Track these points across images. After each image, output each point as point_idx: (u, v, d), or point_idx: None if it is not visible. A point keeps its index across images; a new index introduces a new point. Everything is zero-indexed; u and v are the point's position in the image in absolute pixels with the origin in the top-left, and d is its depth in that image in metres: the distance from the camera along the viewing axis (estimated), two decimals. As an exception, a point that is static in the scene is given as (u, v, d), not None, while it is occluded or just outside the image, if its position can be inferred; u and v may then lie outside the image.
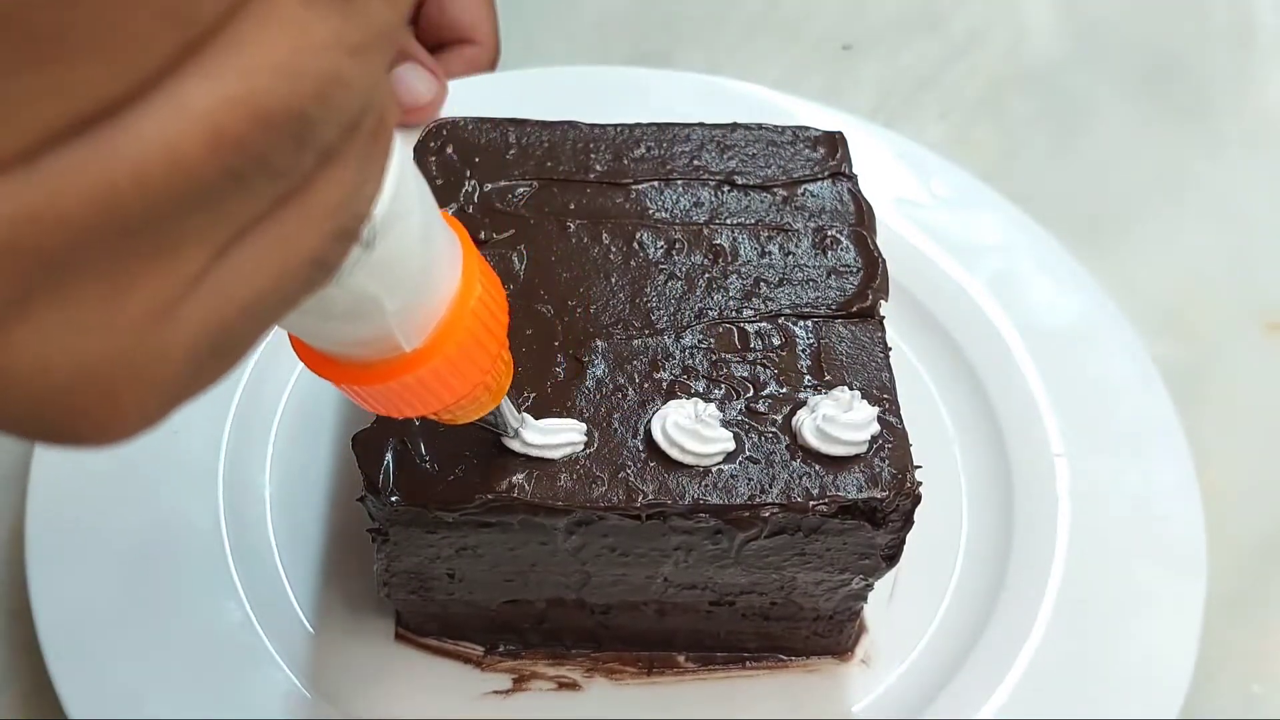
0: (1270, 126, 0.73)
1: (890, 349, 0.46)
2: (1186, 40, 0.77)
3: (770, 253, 0.48)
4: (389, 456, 0.42)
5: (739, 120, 0.53)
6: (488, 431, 0.41)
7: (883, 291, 0.48)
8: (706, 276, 0.48)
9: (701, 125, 0.52)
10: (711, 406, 0.43)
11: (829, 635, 0.50)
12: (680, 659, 0.51)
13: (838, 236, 0.49)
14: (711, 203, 0.50)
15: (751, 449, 0.43)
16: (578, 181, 0.50)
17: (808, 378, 0.45)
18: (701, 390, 0.44)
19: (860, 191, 0.51)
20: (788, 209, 0.50)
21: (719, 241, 0.48)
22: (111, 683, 0.46)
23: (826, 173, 0.51)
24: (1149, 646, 0.50)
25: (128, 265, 0.19)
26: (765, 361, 0.45)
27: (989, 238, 0.62)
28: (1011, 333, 0.58)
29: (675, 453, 0.42)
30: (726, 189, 0.50)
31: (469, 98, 0.59)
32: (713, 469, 0.43)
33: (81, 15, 0.17)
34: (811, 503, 0.42)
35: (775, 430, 0.44)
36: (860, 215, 0.50)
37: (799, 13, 0.77)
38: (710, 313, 0.47)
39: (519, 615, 0.49)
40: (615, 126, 0.52)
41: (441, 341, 0.30)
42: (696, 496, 0.42)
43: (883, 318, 0.47)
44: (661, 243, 0.48)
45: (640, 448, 0.43)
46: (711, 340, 0.46)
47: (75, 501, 0.50)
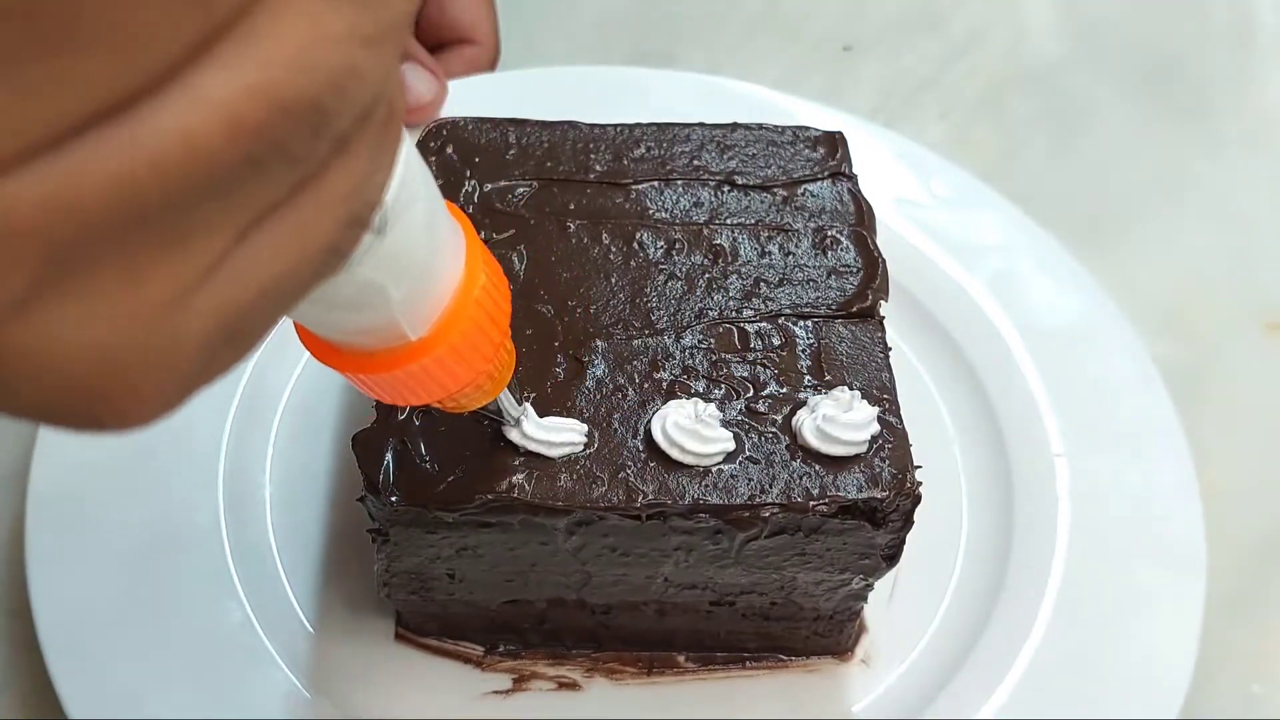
0: (1270, 126, 0.73)
1: (890, 349, 0.46)
2: (1186, 40, 0.77)
3: (770, 253, 0.48)
4: (389, 456, 0.42)
5: (739, 120, 0.53)
6: (490, 420, 0.41)
7: (883, 291, 0.48)
8: (706, 276, 0.48)
9: (701, 125, 0.52)
10: (711, 406, 0.43)
11: (829, 635, 0.50)
12: (680, 659, 0.51)
13: (838, 236, 0.49)
14: (711, 203, 0.50)
15: (751, 449, 0.43)
16: (578, 181, 0.50)
17: (808, 378, 0.45)
18: (701, 390, 0.44)
19: (860, 191, 0.51)
20: (788, 209, 0.50)
21: (719, 241, 0.48)
22: (111, 683, 0.46)
23: (826, 173, 0.51)
24: (1149, 646, 0.50)
25: (147, 252, 0.19)
26: (765, 361, 0.45)
27: (989, 238, 0.62)
28: (1011, 333, 0.58)
29: (675, 453, 0.42)
30: (726, 189, 0.50)
31: (469, 98, 0.59)
32: (713, 469, 0.43)
33: (105, 6, 0.17)
34: (811, 503, 0.42)
35: (775, 430, 0.44)
36: (860, 215, 0.50)
37: (799, 13, 0.77)
38: (710, 313, 0.47)
39: (519, 615, 0.49)
40: (615, 126, 0.52)
41: (446, 330, 0.30)
42: (696, 496, 0.42)
43: (883, 318, 0.47)
44: (661, 243, 0.48)
45: (640, 448, 0.43)
46: (711, 340, 0.46)
47: (75, 501, 0.50)
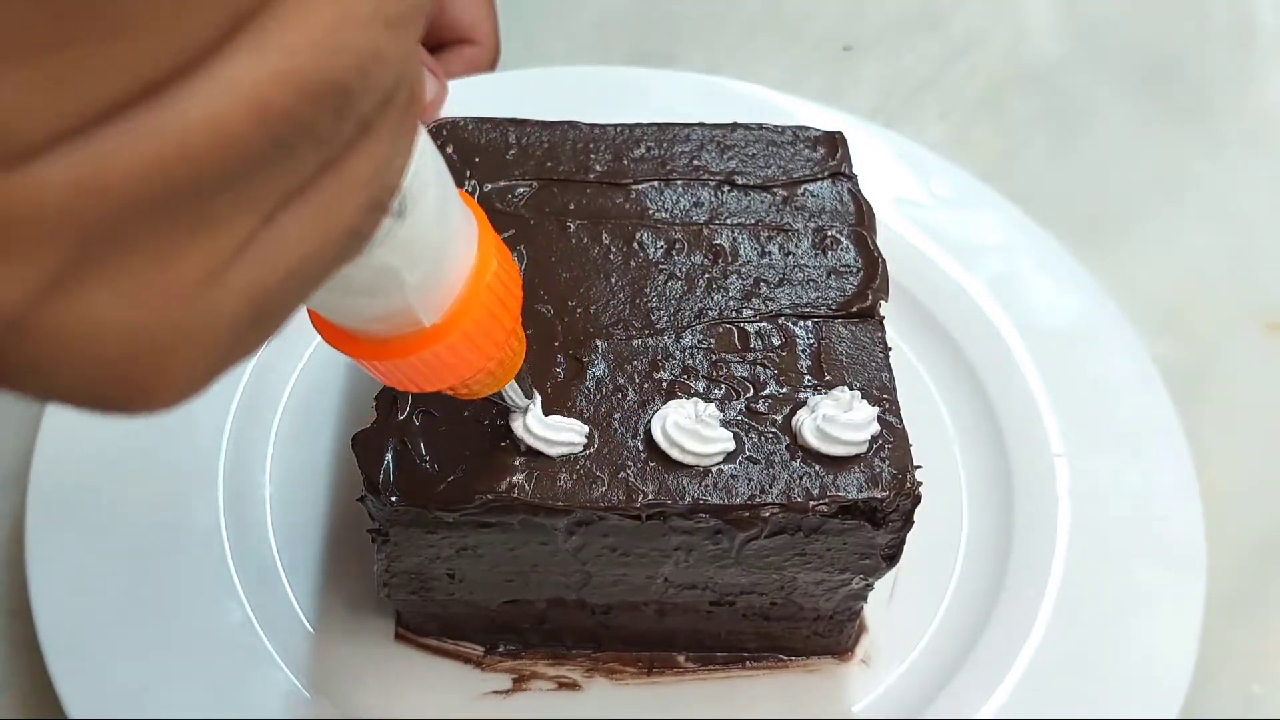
0: (1270, 126, 0.73)
1: (890, 349, 0.46)
2: (1186, 40, 0.77)
3: (770, 253, 0.48)
4: (389, 456, 0.42)
5: (739, 120, 0.53)
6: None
7: (883, 291, 0.48)
8: (706, 276, 0.48)
9: (701, 125, 0.52)
10: (711, 406, 0.43)
11: (829, 635, 0.50)
12: (680, 659, 0.51)
13: (838, 236, 0.49)
14: (711, 203, 0.50)
15: (751, 449, 0.43)
16: (578, 181, 0.50)
17: (808, 378, 0.45)
18: (701, 390, 0.44)
19: (860, 191, 0.51)
20: (788, 209, 0.50)
21: (719, 241, 0.48)
22: (111, 683, 0.46)
23: (826, 173, 0.51)
24: (1149, 646, 0.50)
25: (177, 234, 0.19)
26: (765, 361, 0.45)
27: (989, 238, 0.62)
28: (1011, 333, 0.58)
29: (675, 453, 0.42)
30: (726, 189, 0.50)
31: (469, 98, 0.59)
32: (713, 469, 0.43)
33: None
34: (811, 503, 0.42)
35: (775, 430, 0.44)
36: (860, 215, 0.50)
37: (799, 13, 0.77)
38: (710, 313, 0.47)
39: (519, 615, 0.49)
40: (615, 126, 0.52)
41: (459, 316, 0.30)
42: (696, 496, 0.42)
43: (883, 318, 0.47)
44: (661, 243, 0.48)
45: (640, 448, 0.43)
46: (711, 340, 0.46)
47: (75, 502, 0.50)
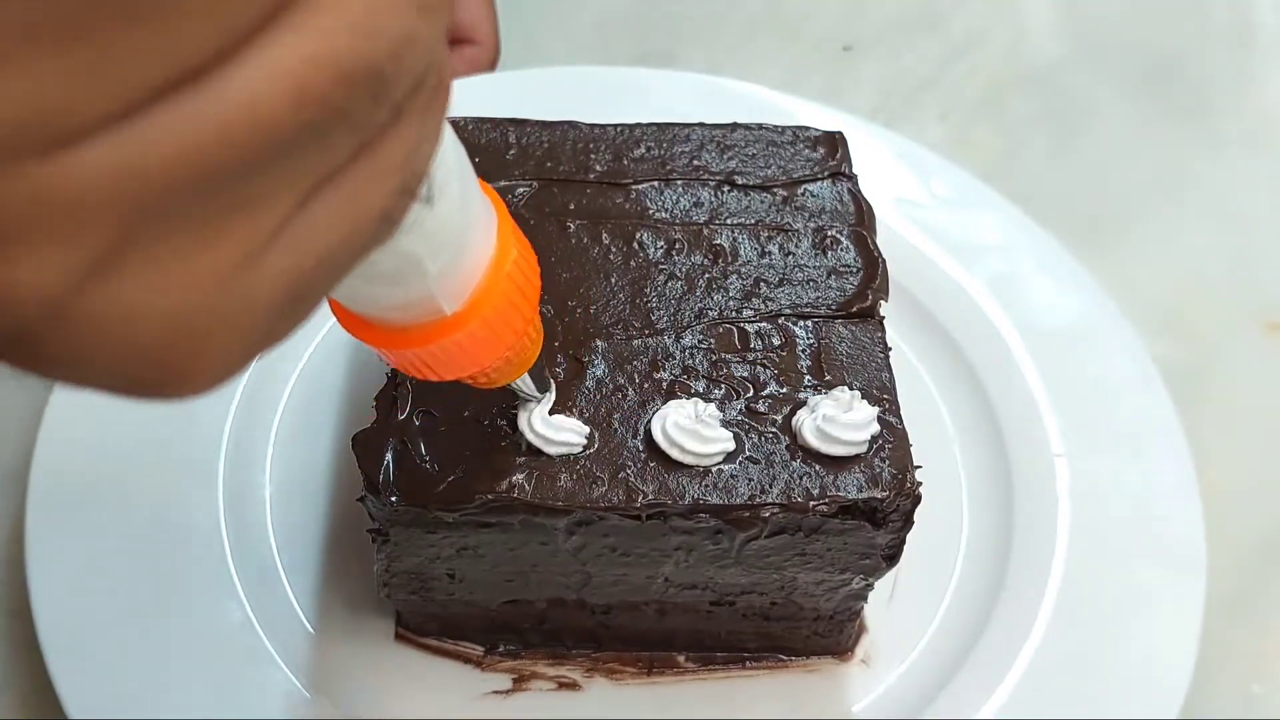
0: (1270, 126, 0.73)
1: (890, 349, 0.46)
2: (1186, 40, 0.77)
3: (770, 253, 0.48)
4: (389, 456, 0.42)
5: (739, 120, 0.53)
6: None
7: (883, 291, 0.48)
8: (706, 276, 0.48)
9: (701, 125, 0.52)
10: (711, 406, 0.43)
11: (829, 635, 0.50)
12: (680, 659, 0.51)
13: (838, 236, 0.49)
14: (711, 203, 0.50)
15: (751, 449, 0.43)
16: (578, 181, 0.50)
17: (808, 378, 0.45)
18: (701, 390, 0.44)
19: (860, 191, 0.51)
20: (788, 209, 0.50)
21: (719, 241, 0.48)
22: (111, 683, 0.46)
23: (826, 173, 0.51)
24: (1149, 646, 0.50)
25: (215, 218, 0.19)
26: (765, 361, 0.45)
27: (989, 238, 0.62)
28: (1011, 333, 0.58)
29: (675, 453, 0.42)
30: (726, 189, 0.50)
31: (469, 98, 0.59)
32: (713, 469, 0.43)
33: None
34: (812, 503, 0.42)
35: (775, 430, 0.44)
36: (860, 215, 0.50)
37: (799, 13, 0.77)
38: (710, 313, 0.47)
39: (519, 615, 0.49)
40: (615, 126, 0.52)
41: (479, 305, 0.30)
42: (696, 496, 0.42)
43: (883, 318, 0.47)
44: (661, 243, 0.48)
45: (640, 448, 0.43)
46: (711, 340, 0.46)
47: (75, 502, 0.50)
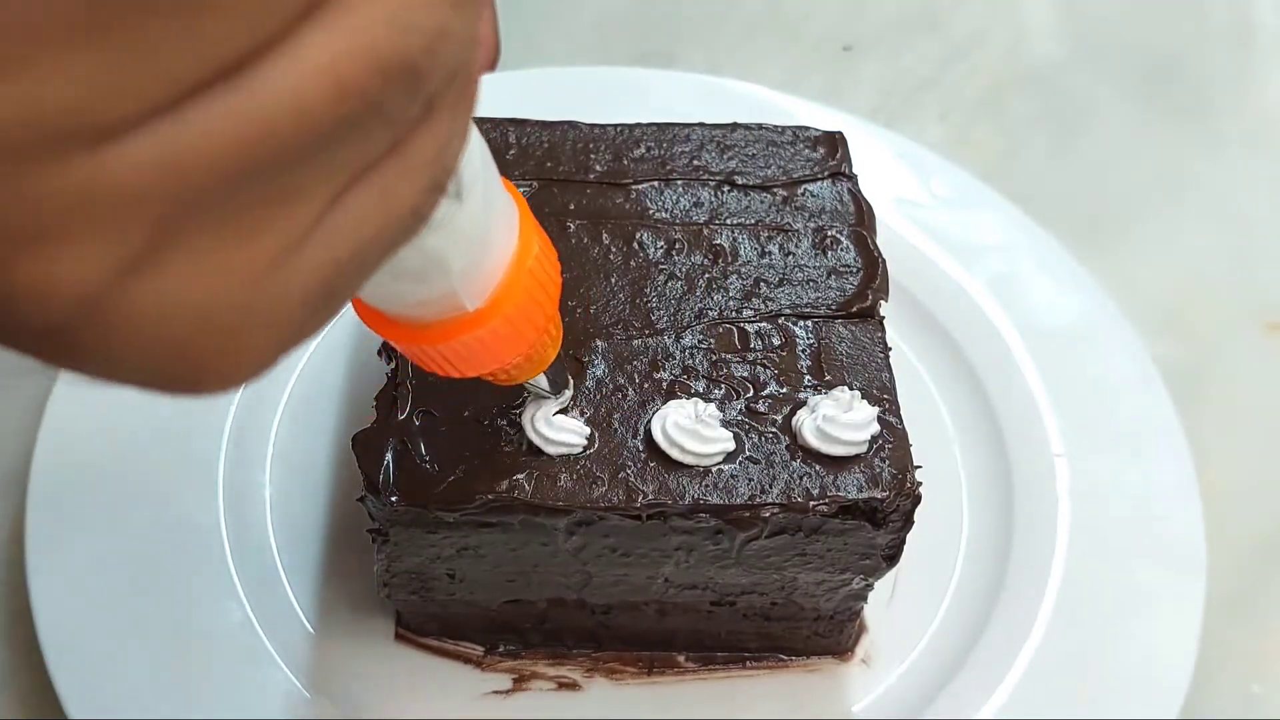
0: (1270, 126, 0.73)
1: (890, 349, 0.46)
2: (1186, 40, 0.77)
3: (770, 253, 0.48)
4: (389, 456, 0.42)
5: (739, 120, 0.53)
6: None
7: (883, 291, 0.48)
8: (706, 276, 0.48)
9: (701, 125, 0.52)
10: (711, 406, 0.43)
11: (829, 635, 0.50)
12: (680, 659, 0.51)
13: (838, 236, 0.49)
14: (711, 203, 0.50)
15: (751, 449, 0.43)
16: (578, 181, 0.50)
17: (808, 378, 0.45)
18: (701, 390, 0.44)
19: (860, 191, 0.51)
20: (788, 209, 0.50)
21: (719, 241, 0.48)
22: (111, 683, 0.46)
23: (826, 173, 0.51)
24: (1149, 646, 0.50)
25: (253, 213, 0.19)
26: (765, 361, 0.45)
27: (989, 238, 0.62)
28: (1011, 333, 0.58)
29: (675, 453, 0.42)
30: (726, 189, 0.50)
31: (469, 98, 0.59)
32: (713, 469, 0.43)
33: None
34: (812, 503, 0.42)
35: (775, 430, 0.44)
36: (860, 215, 0.50)
37: (799, 13, 0.77)
38: (710, 313, 0.47)
39: (519, 615, 0.49)
40: (615, 126, 0.52)
41: (501, 302, 0.30)
42: (696, 496, 0.42)
43: (883, 318, 0.47)
44: (661, 243, 0.48)
45: (640, 448, 0.43)
46: (711, 340, 0.46)
47: (75, 502, 0.50)
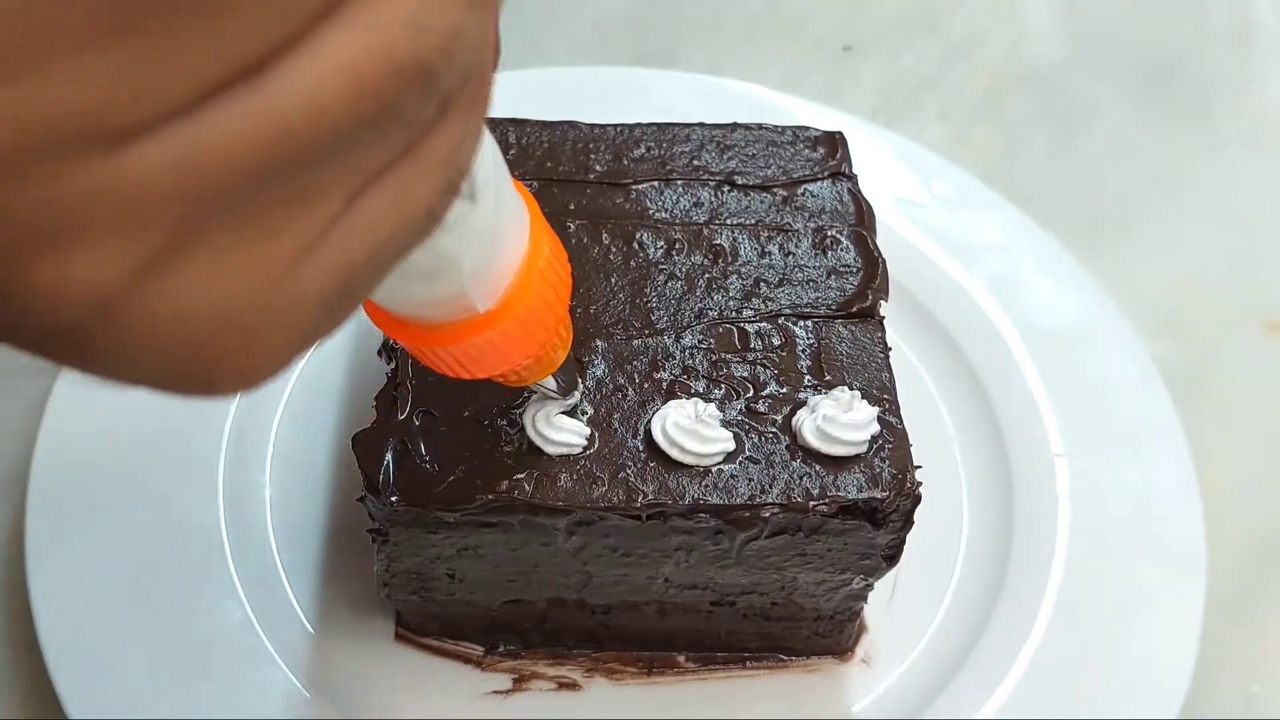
0: (1270, 126, 0.73)
1: (890, 349, 0.46)
2: (1186, 40, 0.77)
3: (770, 253, 0.48)
4: (389, 456, 0.42)
5: (739, 120, 0.53)
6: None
7: (883, 291, 0.48)
8: (706, 277, 0.47)
9: (701, 125, 0.52)
10: (711, 406, 0.43)
11: (829, 635, 0.50)
12: (680, 659, 0.51)
13: (838, 236, 0.49)
14: (711, 203, 0.50)
15: (751, 449, 0.43)
16: (578, 181, 0.50)
17: (808, 378, 0.45)
18: (701, 390, 0.44)
19: (860, 191, 0.51)
20: (788, 209, 0.50)
21: (719, 242, 0.48)
22: (111, 683, 0.46)
23: (826, 173, 0.51)
24: (1149, 646, 0.50)
25: (271, 213, 0.19)
26: (765, 361, 0.45)
27: (989, 238, 0.62)
28: (1011, 333, 0.58)
29: (675, 453, 0.42)
30: (726, 189, 0.50)
31: (469, 98, 0.59)
32: (713, 469, 0.43)
33: None
34: (812, 503, 0.42)
35: (775, 430, 0.44)
36: (860, 215, 0.50)
37: (799, 13, 0.77)
38: (710, 313, 0.47)
39: (520, 615, 0.49)
40: (615, 126, 0.52)
41: (512, 303, 0.30)
42: (696, 496, 0.42)
43: (883, 318, 0.47)
44: (661, 243, 0.48)
45: (640, 448, 0.43)
46: (711, 340, 0.46)
47: (75, 502, 0.50)
